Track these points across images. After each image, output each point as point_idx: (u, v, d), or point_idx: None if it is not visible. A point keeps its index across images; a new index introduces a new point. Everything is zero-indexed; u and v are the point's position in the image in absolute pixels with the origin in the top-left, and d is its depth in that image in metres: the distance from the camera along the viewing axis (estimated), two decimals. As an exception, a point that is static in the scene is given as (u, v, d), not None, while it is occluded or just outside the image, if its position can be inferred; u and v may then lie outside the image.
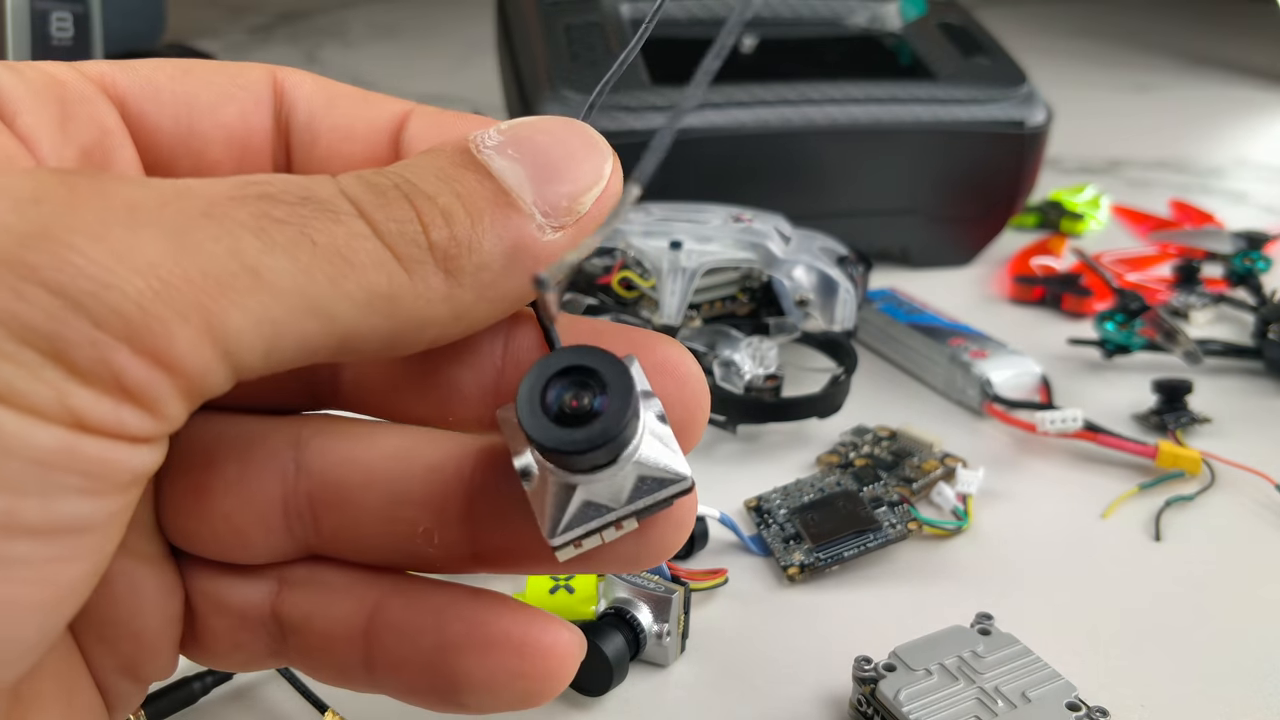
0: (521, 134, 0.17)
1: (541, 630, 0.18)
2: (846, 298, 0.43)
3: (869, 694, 0.28)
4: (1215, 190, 0.74)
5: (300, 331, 0.14)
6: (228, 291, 0.14)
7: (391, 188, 0.16)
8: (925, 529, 0.37)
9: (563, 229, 0.16)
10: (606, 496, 0.17)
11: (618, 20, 0.58)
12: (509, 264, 0.16)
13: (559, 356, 0.16)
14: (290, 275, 0.14)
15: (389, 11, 1.23)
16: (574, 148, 0.17)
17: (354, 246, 0.15)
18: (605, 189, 0.17)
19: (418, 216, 0.16)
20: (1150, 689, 0.31)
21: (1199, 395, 0.45)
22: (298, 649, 0.19)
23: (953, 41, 0.60)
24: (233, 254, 0.14)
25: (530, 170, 0.17)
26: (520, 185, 0.16)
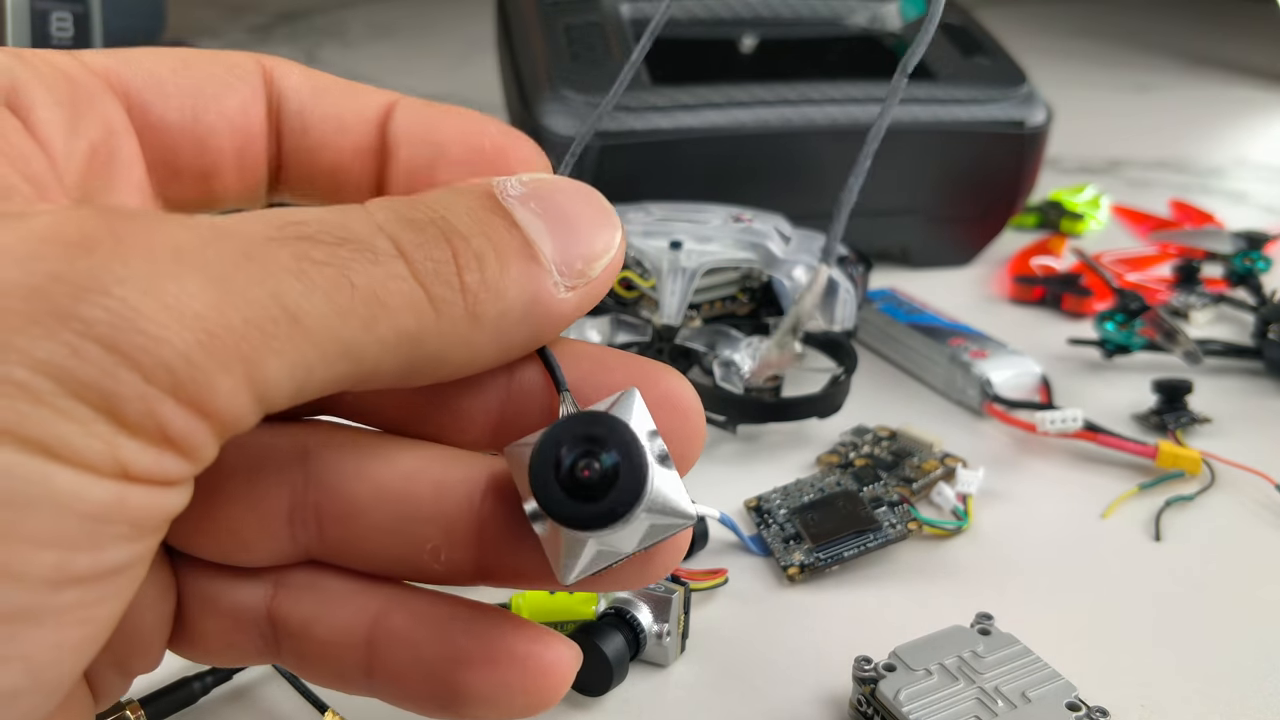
0: (543, 190, 0.17)
1: (544, 647, 0.18)
2: (846, 298, 0.43)
3: (869, 694, 0.28)
4: (1215, 190, 0.74)
5: (330, 373, 0.15)
6: (268, 339, 0.14)
7: (429, 224, 0.16)
8: (925, 529, 0.37)
9: (574, 290, 0.17)
10: (616, 545, 0.17)
11: (618, 20, 0.58)
12: (525, 314, 0.17)
13: (567, 426, 0.16)
14: (327, 319, 0.15)
15: (388, 11, 1.23)
16: (591, 214, 0.18)
17: (390, 289, 0.15)
18: (613, 260, 0.18)
19: (454, 258, 0.16)
20: (1150, 689, 0.31)
21: (1199, 395, 0.45)
22: (293, 652, 0.19)
23: (953, 41, 0.60)
24: (274, 298, 0.14)
25: (550, 227, 0.17)
26: (541, 240, 0.17)
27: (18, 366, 0.13)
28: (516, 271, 0.16)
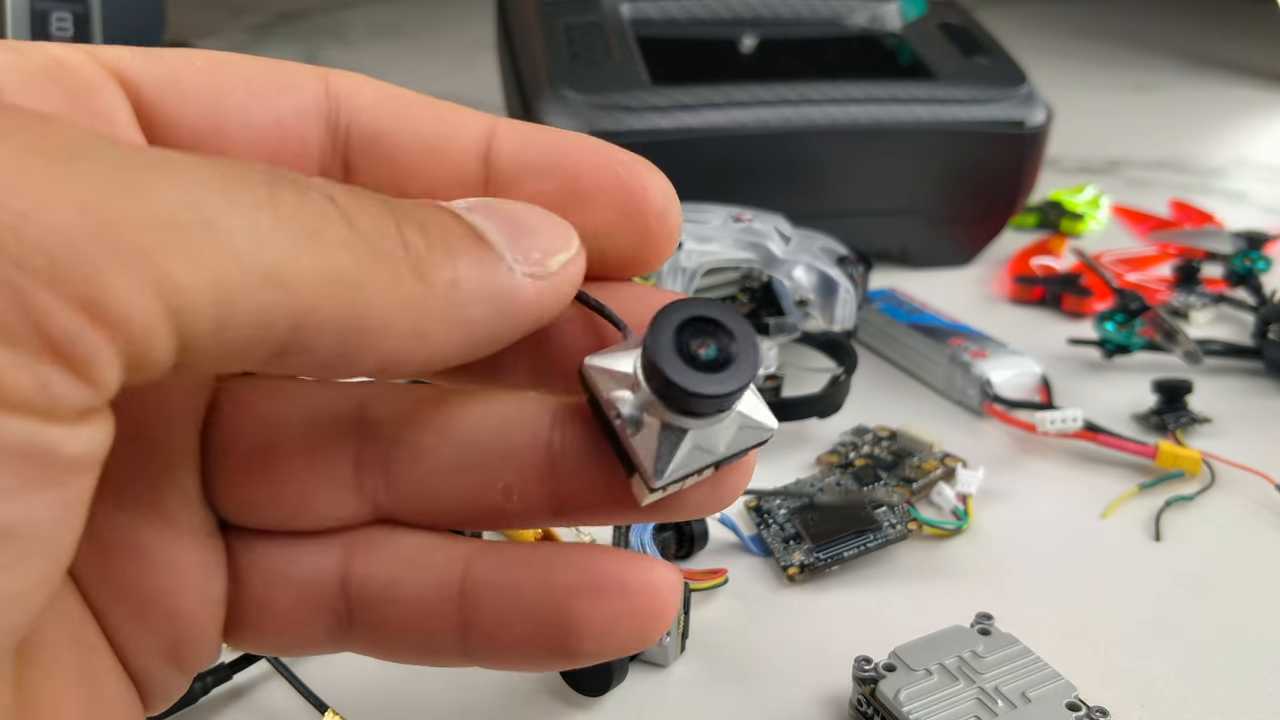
0: (489, 203, 0.17)
1: (649, 571, 0.18)
2: (846, 298, 0.43)
3: (869, 694, 0.28)
4: (1215, 190, 0.74)
5: (254, 302, 0.13)
6: (180, 240, 0.12)
7: (366, 192, 0.15)
8: (925, 529, 0.37)
9: (532, 277, 0.16)
10: (710, 443, 0.17)
11: (618, 20, 0.58)
12: (481, 291, 0.15)
13: (682, 308, 0.16)
14: (250, 237, 0.13)
15: (389, 11, 1.23)
16: (541, 216, 0.17)
17: (323, 224, 0.14)
18: (574, 258, 0.17)
19: (394, 218, 0.15)
20: (1150, 689, 0.31)
21: (1199, 395, 0.45)
22: (372, 623, 0.18)
23: (953, 41, 0.60)
24: (188, 204, 0.12)
25: (500, 226, 0.16)
26: (493, 233, 0.16)
27: None
28: (466, 250, 0.15)
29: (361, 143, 0.18)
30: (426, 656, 0.18)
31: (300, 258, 0.13)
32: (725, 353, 0.16)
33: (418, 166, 0.18)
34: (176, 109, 0.17)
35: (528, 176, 0.18)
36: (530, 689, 0.31)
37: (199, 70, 0.17)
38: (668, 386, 0.16)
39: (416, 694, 0.30)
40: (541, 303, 0.16)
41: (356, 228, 0.14)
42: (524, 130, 0.18)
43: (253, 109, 0.17)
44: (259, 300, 0.13)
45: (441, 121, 0.18)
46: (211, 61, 0.17)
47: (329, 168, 0.18)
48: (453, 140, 0.18)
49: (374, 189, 0.17)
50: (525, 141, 0.18)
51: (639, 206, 0.18)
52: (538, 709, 0.30)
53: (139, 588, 0.17)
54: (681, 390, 0.16)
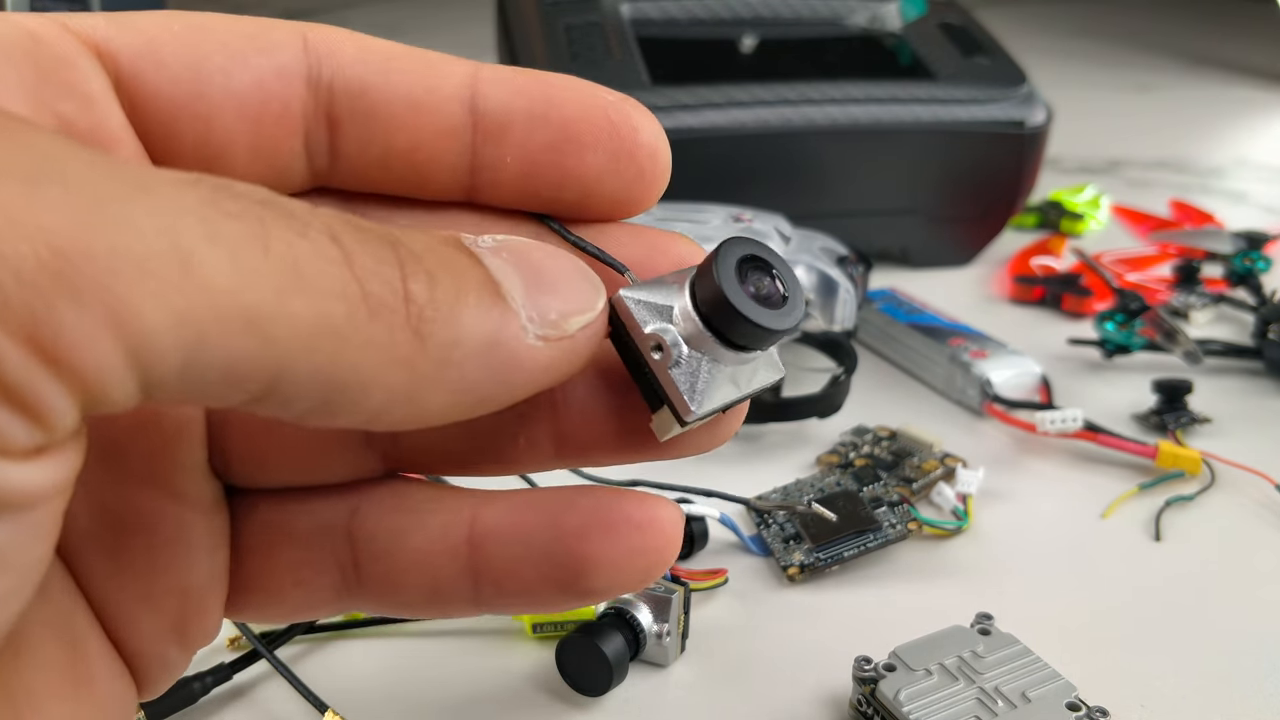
0: (515, 245, 0.16)
1: (653, 507, 0.18)
2: (846, 298, 0.43)
3: (869, 694, 0.28)
4: (1215, 190, 0.74)
5: (228, 348, 0.12)
6: (145, 276, 0.11)
7: (376, 232, 0.14)
8: (925, 529, 0.37)
9: (546, 340, 0.15)
10: (739, 379, 0.17)
11: (618, 20, 0.58)
12: (484, 355, 0.14)
13: (741, 244, 0.16)
14: (229, 275, 0.12)
15: (389, 11, 1.24)
16: (568, 270, 0.16)
17: (316, 266, 0.12)
18: (594, 321, 0.16)
19: (399, 265, 0.14)
20: (1150, 689, 0.31)
21: (1199, 395, 0.45)
22: (381, 576, 0.18)
23: (953, 41, 0.60)
24: (162, 233, 0.11)
25: (522, 275, 0.15)
26: (511, 283, 0.15)
27: None
28: (475, 301, 0.14)
29: (346, 99, 0.17)
30: (437, 607, 0.18)
31: (287, 304, 0.12)
32: (779, 291, 0.16)
33: (403, 120, 0.17)
34: (154, 77, 0.16)
35: (515, 124, 0.17)
36: (530, 689, 0.31)
37: (176, 35, 0.16)
38: (732, 317, 0.16)
39: (416, 694, 0.30)
40: (551, 369, 0.15)
41: (356, 273, 0.13)
42: (509, 75, 0.18)
43: (233, 72, 0.17)
44: (234, 346, 0.12)
45: (425, 72, 0.17)
46: (189, 25, 0.17)
47: (314, 128, 0.17)
48: (437, 91, 0.17)
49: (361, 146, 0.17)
50: (512, 88, 0.17)
51: (630, 149, 0.18)
52: (538, 709, 0.30)
53: (148, 566, 0.17)
54: (747, 321, 0.16)
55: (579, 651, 0.30)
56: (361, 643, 0.32)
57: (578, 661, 0.30)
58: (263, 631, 0.31)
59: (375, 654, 0.32)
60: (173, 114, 0.16)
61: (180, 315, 0.11)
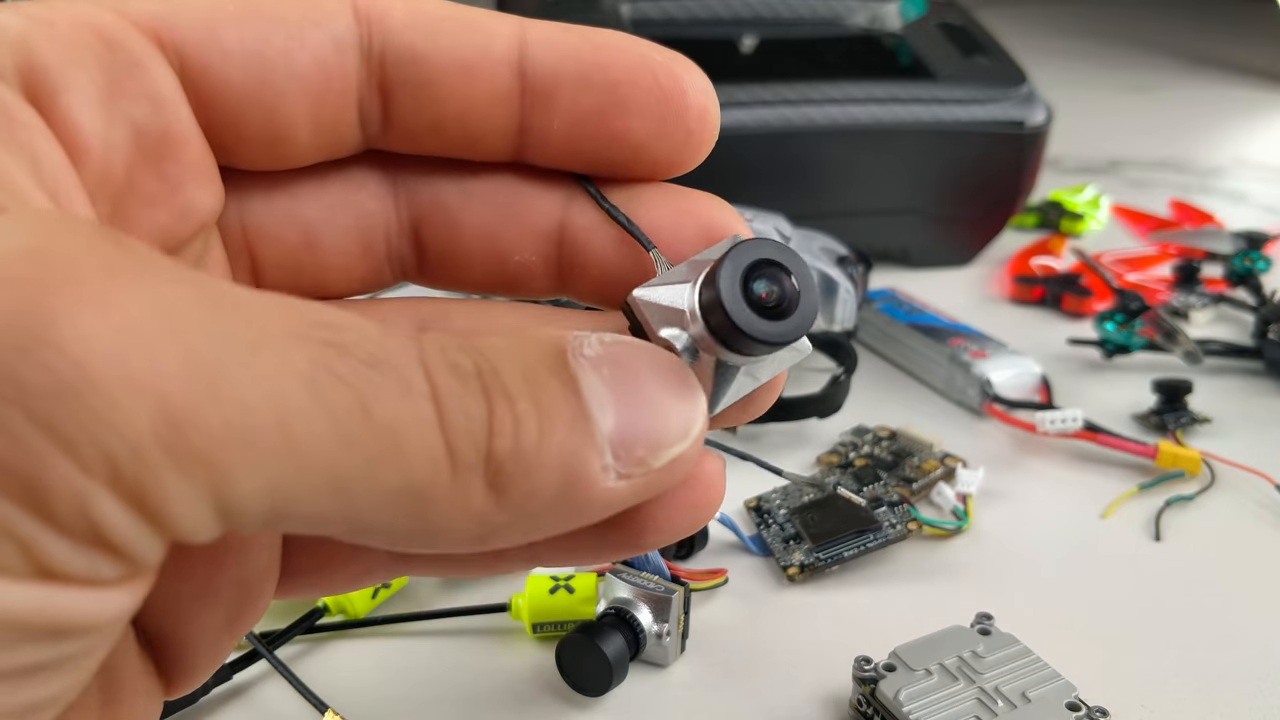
0: (622, 356, 0.15)
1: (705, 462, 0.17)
2: (846, 298, 0.43)
3: (869, 694, 0.28)
4: (1215, 190, 0.74)
5: (313, 508, 0.12)
6: (248, 450, 0.11)
7: (474, 376, 0.14)
8: (925, 529, 0.37)
9: (627, 479, 0.15)
10: (757, 371, 0.17)
11: (618, 20, 0.58)
12: (557, 498, 0.14)
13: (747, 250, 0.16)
14: (326, 445, 0.12)
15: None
16: (672, 393, 0.15)
17: (411, 431, 0.13)
18: (686, 450, 0.15)
19: (489, 417, 0.13)
20: (1150, 689, 0.31)
21: (1199, 395, 0.45)
22: None
23: (953, 41, 0.60)
24: (270, 402, 0.12)
25: (617, 399, 0.15)
26: (601, 412, 0.14)
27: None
28: (558, 447, 0.14)
29: (397, 68, 0.17)
30: None
31: (377, 472, 0.12)
32: (788, 295, 0.16)
33: (454, 87, 0.17)
34: (220, 67, 0.16)
35: (563, 88, 0.17)
36: (530, 689, 0.31)
37: (233, 17, 0.16)
38: (734, 332, 0.16)
39: (416, 694, 0.30)
40: (626, 502, 0.15)
41: (447, 434, 0.13)
42: (557, 36, 0.17)
43: (294, 53, 0.16)
44: (319, 506, 0.12)
45: (473, 33, 0.17)
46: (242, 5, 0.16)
47: (367, 97, 0.17)
48: (487, 54, 0.17)
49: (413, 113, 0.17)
50: (560, 50, 0.17)
51: (678, 112, 0.17)
52: (538, 709, 0.30)
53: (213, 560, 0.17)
54: (749, 338, 0.16)
55: (579, 651, 0.30)
56: (361, 643, 0.32)
57: (578, 661, 0.30)
58: (262, 631, 0.31)
59: (375, 654, 0.32)
60: (239, 103, 0.16)
61: (275, 482, 0.12)
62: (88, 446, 0.11)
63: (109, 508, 0.11)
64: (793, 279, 0.16)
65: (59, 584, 0.11)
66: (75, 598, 0.12)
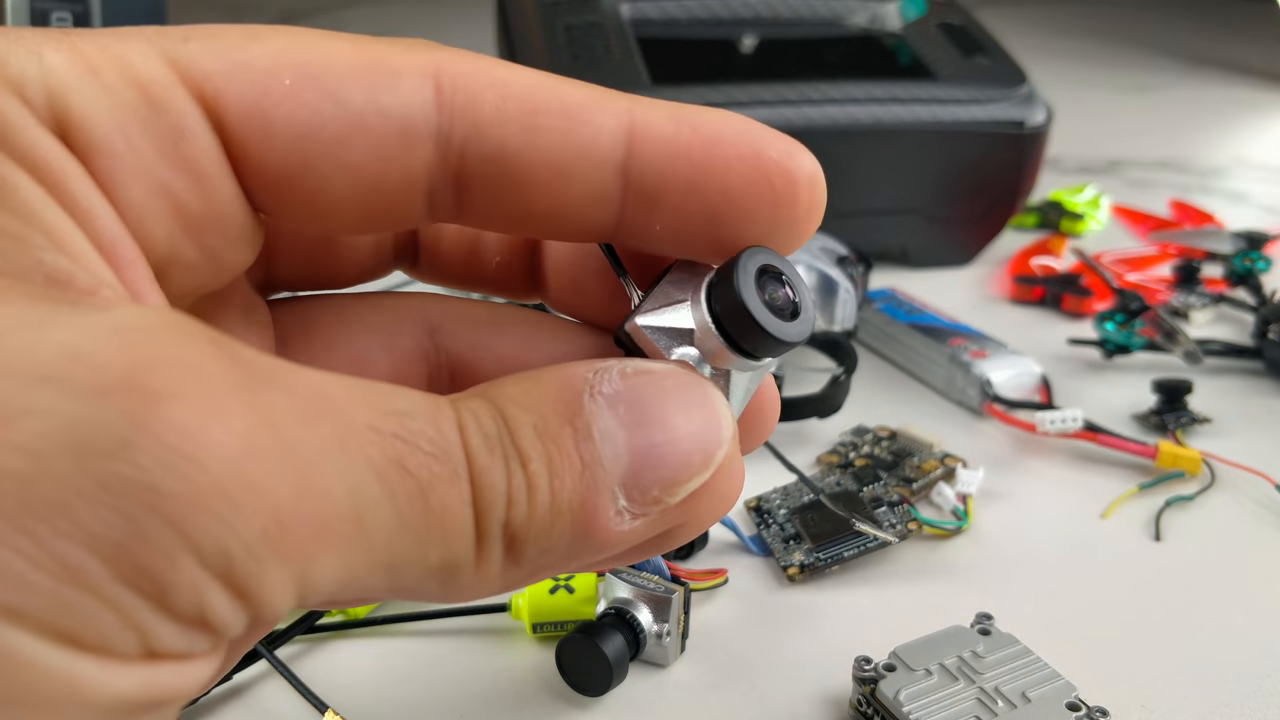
0: (642, 390, 0.15)
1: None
2: (846, 298, 0.43)
3: (869, 694, 0.28)
4: (1215, 190, 0.74)
5: (367, 583, 0.14)
6: (330, 538, 0.13)
7: (498, 441, 0.14)
8: (925, 529, 0.37)
9: (641, 518, 0.15)
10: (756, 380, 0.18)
11: (618, 20, 0.58)
12: (573, 545, 0.15)
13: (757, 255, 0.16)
14: (390, 532, 0.13)
15: (389, 11, 1.24)
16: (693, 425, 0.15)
17: (454, 513, 0.14)
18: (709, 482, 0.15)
19: (508, 487, 0.14)
20: (1150, 689, 0.31)
21: (1199, 395, 0.45)
22: None
23: (953, 41, 0.60)
24: (351, 497, 0.13)
25: (631, 444, 0.15)
26: (615, 460, 0.14)
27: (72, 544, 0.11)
28: (568, 503, 0.14)
29: (481, 164, 0.15)
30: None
31: (424, 552, 0.14)
32: (791, 299, 0.17)
33: (547, 187, 0.16)
34: (262, 146, 0.15)
35: (670, 192, 0.16)
36: (530, 689, 0.31)
37: (286, 93, 0.15)
38: (759, 336, 0.16)
39: (416, 694, 0.30)
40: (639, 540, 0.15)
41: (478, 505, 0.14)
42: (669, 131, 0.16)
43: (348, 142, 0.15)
44: (373, 581, 0.14)
45: (573, 129, 0.15)
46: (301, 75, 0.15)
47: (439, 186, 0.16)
48: (587, 157, 0.16)
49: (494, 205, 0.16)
50: (670, 149, 0.16)
51: (790, 214, 0.16)
52: (538, 709, 0.30)
53: None
54: (774, 339, 0.16)
55: (579, 651, 0.30)
56: (361, 643, 0.32)
57: (578, 661, 0.30)
58: (263, 631, 0.31)
59: (375, 654, 0.32)
60: (279, 182, 0.15)
61: (346, 567, 0.13)
62: (211, 546, 0.12)
63: (217, 597, 0.12)
64: (790, 283, 0.17)
65: (159, 663, 0.12)
66: (171, 672, 0.12)
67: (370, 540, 0.13)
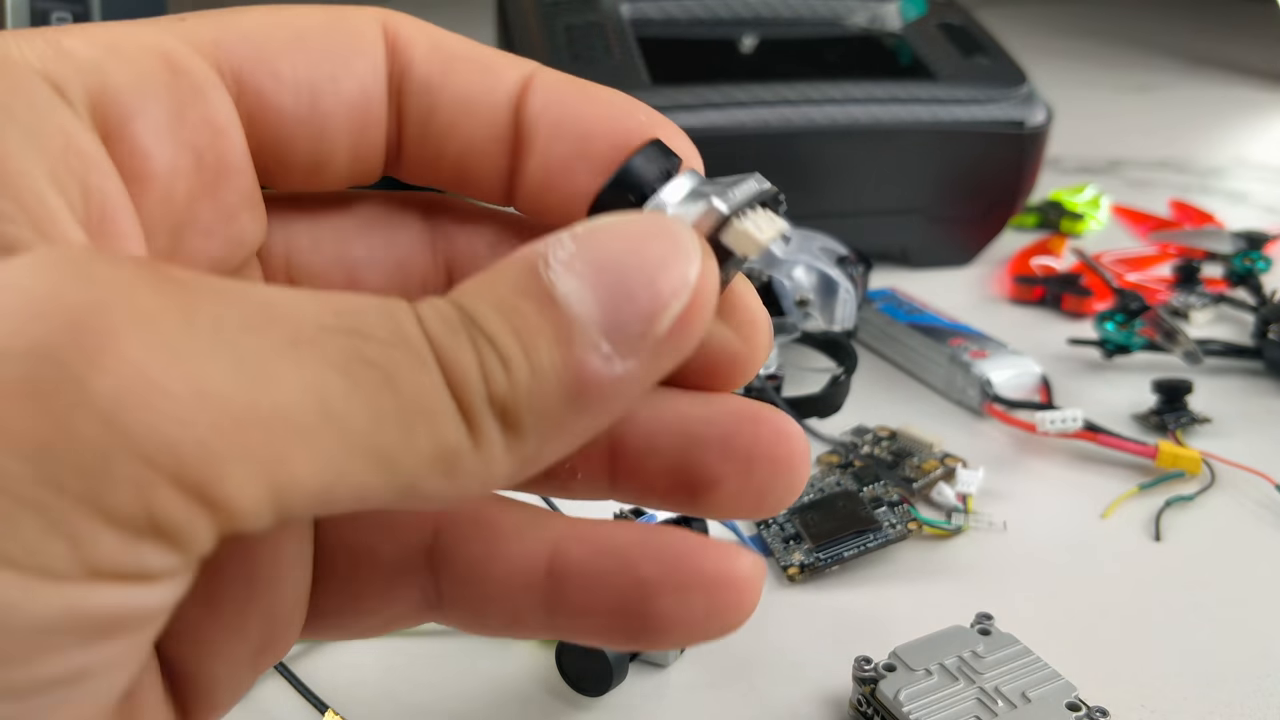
0: (595, 242, 0.15)
1: (732, 563, 0.17)
2: (846, 298, 0.43)
3: (869, 694, 0.28)
4: (1215, 190, 0.74)
5: (360, 483, 0.13)
6: (300, 433, 0.12)
7: (461, 326, 0.14)
8: (925, 529, 0.37)
9: (634, 357, 0.15)
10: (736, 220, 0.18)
11: (618, 20, 0.58)
12: (572, 405, 0.14)
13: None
14: (365, 423, 0.13)
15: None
16: (653, 256, 0.15)
17: (432, 397, 0.14)
18: (690, 302, 0.15)
19: (479, 364, 0.14)
20: (1150, 689, 0.31)
21: (1199, 395, 0.45)
22: (462, 600, 0.18)
23: (953, 41, 0.60)
24: (313, 392, 0.12)
25: (598, 292, 0.14)
26: (586, 313, 0.14)
27: None
28: (549, 363, 0.14)
29: (411, 96, 0.18)
30: (515, 630, 0.18)
31: (412, 442, 0.13)
32: None
33: (455, 121, 0.18)
34: (274, 92, 0.17)
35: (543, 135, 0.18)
36: (530, 689, 0.31)
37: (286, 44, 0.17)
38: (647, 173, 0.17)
39: (416, 694, 0.30)
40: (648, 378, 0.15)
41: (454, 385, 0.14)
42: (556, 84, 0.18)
43: (341, 80, 0.17)
44: (363, 481, 0.13)
45: (480, 73, 0.18)
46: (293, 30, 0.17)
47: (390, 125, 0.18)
48: (488, 93, 0.18)
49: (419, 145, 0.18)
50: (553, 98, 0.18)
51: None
52: (538, 709, 0.30)
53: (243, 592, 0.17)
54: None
55: (579, 651, 0.30)
56: (361, 643, 0.32)
57: (578, 661, 0.30)
58: (263, 631, 0.31)
59: (375, 654, 0.32)
60: (289, 128, 0.17)
61: (322, 464, 0.13)
62: (152, 441, 0.11)
63: (169, 496, 0.11)
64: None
65: (102, 582, 0.11)
66: (126, 593, 0.12)
67: (344, 433, 0.13)
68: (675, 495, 0.18)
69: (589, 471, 0.18)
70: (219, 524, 0.12)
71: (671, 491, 0.18)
